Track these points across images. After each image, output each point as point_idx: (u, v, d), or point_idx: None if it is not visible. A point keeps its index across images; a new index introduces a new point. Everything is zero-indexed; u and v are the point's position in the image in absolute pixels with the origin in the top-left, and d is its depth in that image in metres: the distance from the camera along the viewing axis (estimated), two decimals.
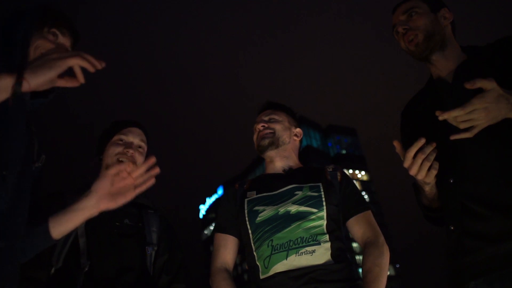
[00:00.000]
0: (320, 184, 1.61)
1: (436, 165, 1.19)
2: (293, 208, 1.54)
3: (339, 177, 1.68)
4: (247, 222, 1.59)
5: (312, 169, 1.75)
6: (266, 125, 1.76)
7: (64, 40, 1.24)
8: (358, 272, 1.57)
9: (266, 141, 1.73)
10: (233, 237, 1.66)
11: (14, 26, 1.06)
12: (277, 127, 1.76)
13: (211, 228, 78.78)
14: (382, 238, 1.55)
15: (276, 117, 1.79)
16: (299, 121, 1.92)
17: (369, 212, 1.63)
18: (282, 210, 1.55)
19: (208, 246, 79.00)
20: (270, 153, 1.75)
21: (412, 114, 1.51)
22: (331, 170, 1.70)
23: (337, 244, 1.51)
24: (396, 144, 1.22)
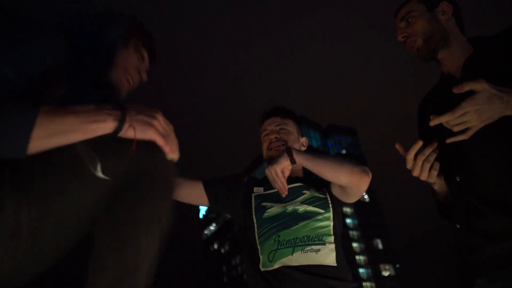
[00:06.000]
0: (325, 188, 1.64)
1: (437, 166, 1.19)
2: (301, 208, 1.56)
3: None
4: (254, 216, 1.59)
5: (315, 178, 1.71)
6: (278, 136, 1.72)
7: (146, 65, 1.14)
8: (358, 272, 1.57)
9: None
10: (202, 185, 1.63)
11: (102, 30, 0.94)
12: (290, 138, 1.72)
13: (211, 228, 78.89)
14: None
15: (286, 127, 1.75)
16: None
17: None
18: (290, 208, 1.56)
19: (208, 246, 79.05)
20: None
21: (425, 111, 1.49)
22: None
23: (340, 247, 1.55)
24: (399, 147, 1.23)
